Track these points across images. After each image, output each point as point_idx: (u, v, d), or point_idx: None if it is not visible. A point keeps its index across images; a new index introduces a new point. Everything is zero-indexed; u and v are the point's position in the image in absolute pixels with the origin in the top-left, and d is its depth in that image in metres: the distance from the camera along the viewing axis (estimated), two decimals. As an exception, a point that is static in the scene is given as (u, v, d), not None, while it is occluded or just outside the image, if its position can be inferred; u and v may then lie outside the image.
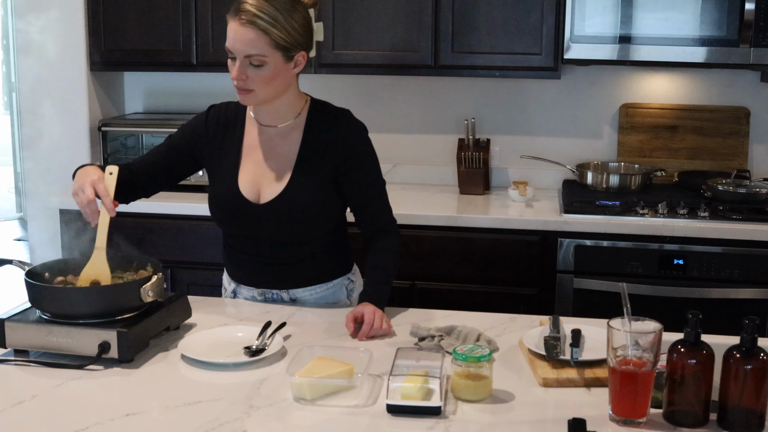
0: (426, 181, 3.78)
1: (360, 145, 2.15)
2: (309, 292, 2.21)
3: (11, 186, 7.99)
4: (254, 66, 1.98)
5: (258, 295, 2.23)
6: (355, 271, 2.31)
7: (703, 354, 1.49)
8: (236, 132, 2.17)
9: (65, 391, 1.66)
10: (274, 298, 2.22)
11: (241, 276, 2.25)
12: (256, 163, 2.13)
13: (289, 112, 2.13)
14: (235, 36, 1.98)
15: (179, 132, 2.23)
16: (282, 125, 2.14)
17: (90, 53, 3.65)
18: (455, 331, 1.92)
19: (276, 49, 1.98)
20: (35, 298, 1.83)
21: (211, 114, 2.21)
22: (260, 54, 1.97)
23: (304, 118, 2.14)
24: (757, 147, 3.59)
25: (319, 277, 2.21)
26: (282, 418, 1.56)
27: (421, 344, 1.88)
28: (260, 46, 1.97)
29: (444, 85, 3.75)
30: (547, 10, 3.30)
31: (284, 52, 2.00)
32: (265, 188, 2.11)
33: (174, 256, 3.34)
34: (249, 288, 2.23)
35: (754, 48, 3.09)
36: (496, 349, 1.85)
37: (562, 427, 1.49)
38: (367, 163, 2.16)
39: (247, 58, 1.98)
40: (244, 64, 1.99)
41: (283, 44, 1.98)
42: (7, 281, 4.50)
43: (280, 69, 2.01)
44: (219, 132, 2.18)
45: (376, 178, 2.19)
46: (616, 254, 3.06)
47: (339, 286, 2.25)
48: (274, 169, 2.12)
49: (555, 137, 3.72)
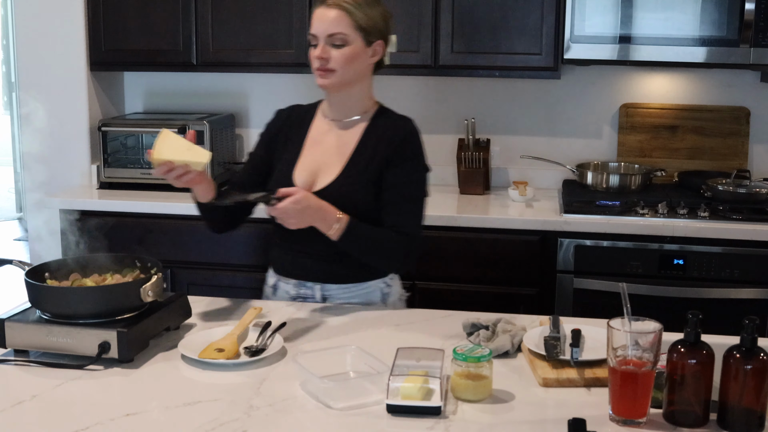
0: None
1: (407, 145, 2.19)
2: (343, 289, 2.21)
3: (11, 186, 7.99)
4: (336, 46, 2.10)
5: (293, 289, 2.23)
6: (393, 277, 2.29)
7: (703, 354, 1.49)
8: (302, 128, 2.26)
9: (65, 391, 1.66)
10: (307, 294, 2.22)
11: (280, 266, 2.26)
12: (316, 155, 2.21)
13: (357, 108, 2.21)
14: (321, 18, 2.11)
15: (258, 143, 2.31)
16: (347, 120, 2.21)
17: (90, 53, 3.65)
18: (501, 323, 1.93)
19: (357, 30, 2.11)
20: (35, 298, 1.83)
21: (280, 115, 2.32)
22: (342, 32, 2.09)
23: (370, 116, 2.23)
24: (757, 147, 3.59)
25: (354, 276, 2.21)
26: (282, 418, 1.56)
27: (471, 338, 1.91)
28: (343, 25, 2.09)
29: (444, 85, 3.75)
30: (547, 10, 3.30)
31: (365, 35, 2.12)
32: (319, 178, 2.17)
33: (174, 256, 3.34)
34: (287, 281, 2.24)
35: (754, 48, 3.09)
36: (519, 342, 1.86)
37: (562, 427, 1.49)
38: (408, 163, 2.17)
39: (329, 37, 2.10)
40: (327, 43, 2.10)
41: (364, 26, 2.11)
42: (7, 281, 4.50)
43: (359, 52, 2.13)
44: (285, 130, 2.27)
45: (413, 183, 2.17)
46: (616, 254, 3.06)
47: (374, 289, 2.23)
48: (330, 161, 2.18)
49: (555, 137, 3.72)
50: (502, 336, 1.86)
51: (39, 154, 3.71)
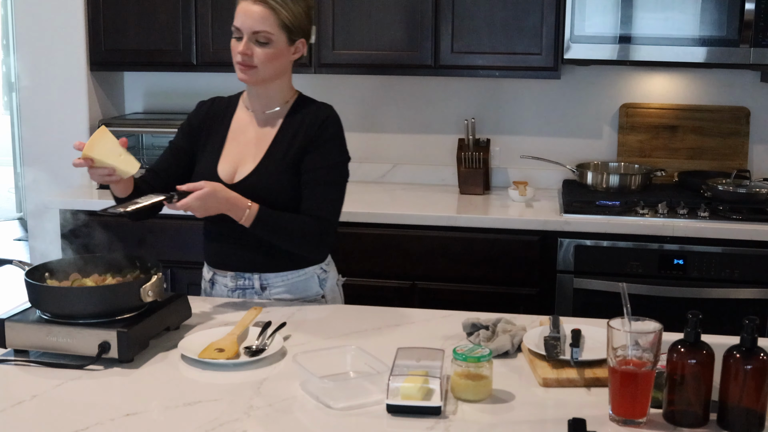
0: (426, 181, 3.78)
1: (325, 132, 2.19)
2: (280, 278, 2.24)
3: (11, 186, 7.99)
4: (260, 43, 2.11)
5: (230, 281, 2.25)
6: (329, 263, 2.33)
7: (703, 354, 1.49)
8: (225, 121, 2.28)
9: (65, 391, 1.66)
10: (246, 285, 2.24)
11: (215, 260, 2.29)
12: (237, 147, 2.23)
13: (278, 99, 2.24)
14: (246, 13, 2.11)
15: (179, 134, 2.33)
16: (269, 111, 2.24)
17: (90, 53, 3.65)
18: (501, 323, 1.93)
19: (282, 29, 2.12)
20: (35, 298, 1.83)
21: (201, 107, 2.33)
22: (267, 31, 2.10)
23: (289, 106, 2.24)
24: (757, 147, 3.59)
25: (290, 264, 2.23)
26: (282, 418, 1.56)
27: (471, 338, 1.91)
28: (269, 23, 2.10)
29: (444, 85, 3.75)
30: (547, 10, 3.30)
31: (288, 34, 2.14)
32: (239, 169, 2.20)
33: (174, 256, 3.33)
34: (224, 274, 2.27)
35: (754, 48, 3.09)
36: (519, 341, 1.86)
37: (562, 427, 1.49)
38: (326, 148, 2.19)
39: (254, 34, 2.11)
40: (250, 40, 2.12)
41: (288, 25, 2.12)
42: (7, 281, 4.51)
43: (282, 50, 2.14)
44: (208, 122, 2.29)
45: (329, 168, 2.19)
46: (616, 254, 3.06)
47: (311, 275, 2.26)
48: (250, 153, 2.21)
49: (555, 137, 3.72)
50: (502, 336, 1.86)
51: (39, 154, 3.71)
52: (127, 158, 2.01)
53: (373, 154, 3.81)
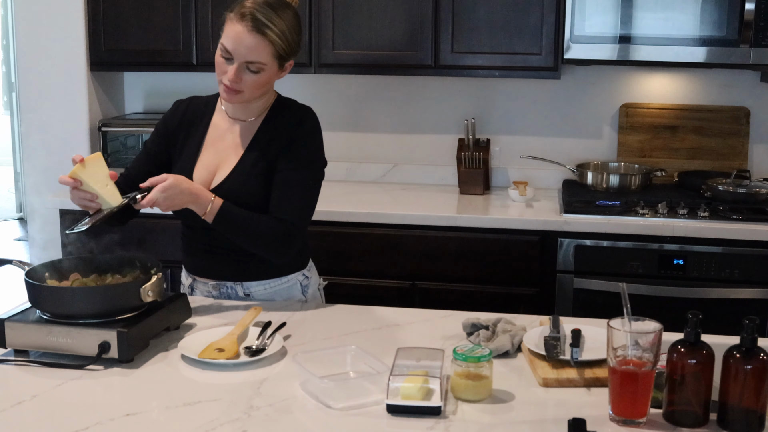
0: (426, 181, 3.78)
1: (300, 132, 2.15)
2: (263, 286, 2.22)
3: (11, 186, 7.99)
4: (251, 71, 2.04)
5: (213, 289, 2.24)
6: (310, 268, 2.32)
7: (703, 354, 1.49)
8: (202, 124, 2.23)
9: (65, 391, 1.66)
10: (229, 293, 2.23)
11: (195, 268, 2.27)
12: (215, 153, 2.19)
13: (259, 109, 2.19)
14: (239, 40, 2.01)
15: (153, 135, 2.28)
16: (250, 120, 2.19)
17: (90, 53, 3.65)
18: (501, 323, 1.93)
19: (275, 58, 2.06)
20: (35, 298, 1.83)
21: (178, 108, 2.28)
22: (261, 62, 2.03)
23: (267, 111, 2.20)
24: (757, 147, 3.59)
25: (272, 271, 2.22)
26: (282, 418, 1.56)
27: (471, 338, 1.91)
28: (264, 55, 2.03)
29: (444, 85, 3.75)
30: (547, 10, 3.30)
31: (280, 61, 2.08)
32: (217, 175, 2.17)
33: (174, 256, 3.31)
34: (204, 282, 2.25)
35: (754, 48, 3.09)
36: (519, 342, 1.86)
37: (562, 427, 1.49)
38: (297, 149, 2.14)
39: (246, 63, 2.03)
40: (241, 68, 2.04)
41: (283, 55, 2.06)
42: (7, 281, 4.51)
43: (272, 75, 2.10)
44: (185, 125, 2.24)
45: (300, 170, 2.13)
46: (616, 254, 3.06)
47: (293, 282, 2.26)
48: (228, 158, 2.17)
49: (555, 137, 3.72)
50: (502, 336, 1.86)
51: (39, 155, 3.71)
52: (113, 190, 1.97)
53: (373, 154, 3.81)
